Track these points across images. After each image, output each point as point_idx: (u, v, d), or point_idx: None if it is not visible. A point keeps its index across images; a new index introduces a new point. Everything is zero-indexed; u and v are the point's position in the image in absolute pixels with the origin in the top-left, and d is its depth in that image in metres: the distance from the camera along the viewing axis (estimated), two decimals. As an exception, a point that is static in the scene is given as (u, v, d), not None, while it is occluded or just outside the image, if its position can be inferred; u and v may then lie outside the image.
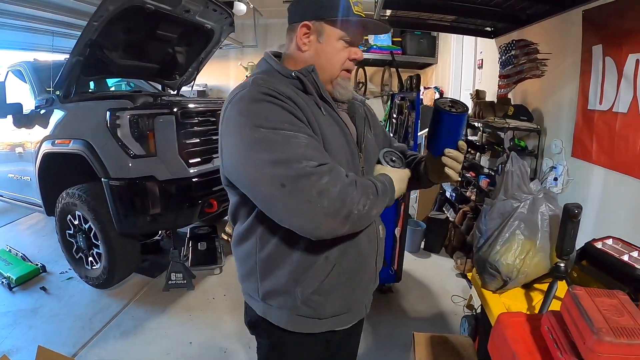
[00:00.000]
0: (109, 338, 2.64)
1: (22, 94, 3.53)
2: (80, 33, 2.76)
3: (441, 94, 5.71)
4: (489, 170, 3.57)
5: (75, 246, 3.25)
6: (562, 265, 1.35)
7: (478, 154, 3.98)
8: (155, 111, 2.81)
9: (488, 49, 4.38)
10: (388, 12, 4.06)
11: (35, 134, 3.26)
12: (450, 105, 1.06)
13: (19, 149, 3.61)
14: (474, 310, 2.63)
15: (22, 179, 3.73)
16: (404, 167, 1.16)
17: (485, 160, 3.68)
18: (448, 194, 4.52)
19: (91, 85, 4.19)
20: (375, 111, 1.36)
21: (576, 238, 1.32)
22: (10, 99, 3.16)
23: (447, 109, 1.05)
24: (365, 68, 6.61)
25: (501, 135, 3.49)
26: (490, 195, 1.73)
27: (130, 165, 2.73)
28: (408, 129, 3.16)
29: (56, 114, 3.12)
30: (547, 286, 1.38)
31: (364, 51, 5.74)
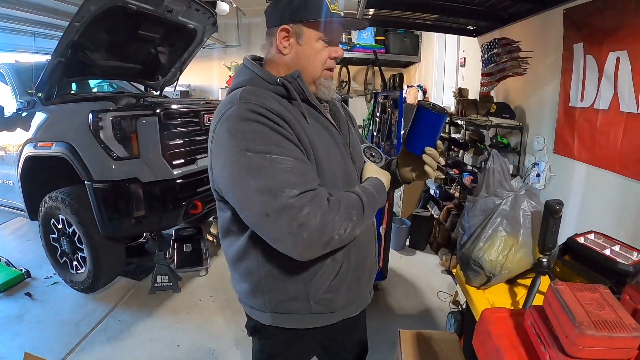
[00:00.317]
0: (95, 343, 2.60)
1: (3, 97, 3.46)
2: (62, 34, 2.71)
3: (424, 92, 5.75)
4: (472, 168, 3.61)
5: (59, 250, 3.21)
6: (545, 260, 1.38)
7: (461, 151, 4.03)
8: (138, 112, 2.77)
9: (470, 48, 4.43)
10: (371, 12, 4.08)
11: (17, 137, 3.19)
12: (432, 107, 1.10)
13: (0, 153, 3.54)
14: (459, 306, 2.65)
15: (5, 183, 3.64)
16: (382, 162, 1.22)
17: (468, 158, 3.72)
18: (432, 192, 4.57)
19: (73, 86, 4.10)
20: (358, 110, 1.37)
21: (558, 233, 1.34)
22: (-9, 102, 3.08)
23: (430, 107, 1.09)
24: (349, 67, 6.61)
25: (484, 132, 3.53)
26: (473, 193, 1.75)
27: (113, 167, 2.69)
28: (391, 127, 3.18)
29: (38, 117, 3.06)
30: (531, 281, 1.40)
31: (347, 50, 5.80)
